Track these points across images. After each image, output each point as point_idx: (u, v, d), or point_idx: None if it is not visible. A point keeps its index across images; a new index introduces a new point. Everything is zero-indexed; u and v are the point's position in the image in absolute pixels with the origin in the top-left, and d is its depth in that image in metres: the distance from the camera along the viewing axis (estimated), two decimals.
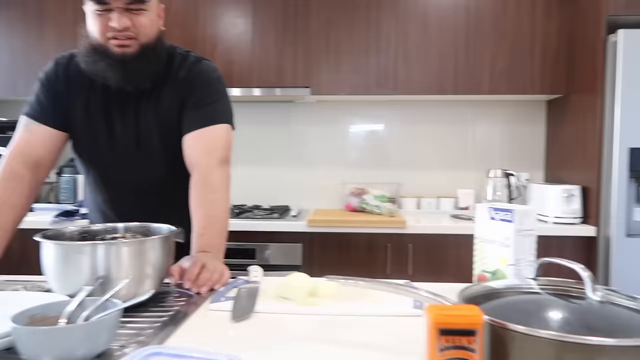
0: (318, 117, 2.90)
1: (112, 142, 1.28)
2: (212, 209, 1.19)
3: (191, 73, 1.28)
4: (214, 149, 1.24)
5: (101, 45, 1.16)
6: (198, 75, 1.28)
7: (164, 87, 1.26)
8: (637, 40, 2.10)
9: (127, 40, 1.15)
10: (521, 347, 0.53)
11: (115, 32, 1.14)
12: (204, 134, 1.24)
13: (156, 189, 1.33)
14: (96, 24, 1.15)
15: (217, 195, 1.21)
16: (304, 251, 2.30)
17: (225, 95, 1.32)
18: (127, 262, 0.88)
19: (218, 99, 1.29)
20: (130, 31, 1.15)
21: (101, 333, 0.67)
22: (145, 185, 1.32)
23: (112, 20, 1.13)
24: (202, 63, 1.31)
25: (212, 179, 1.21)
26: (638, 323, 0.58)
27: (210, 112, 1.26)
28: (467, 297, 0.66)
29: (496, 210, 0.97)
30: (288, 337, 0.78)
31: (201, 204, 1.19)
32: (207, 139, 1.25)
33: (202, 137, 1.24)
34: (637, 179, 2.20)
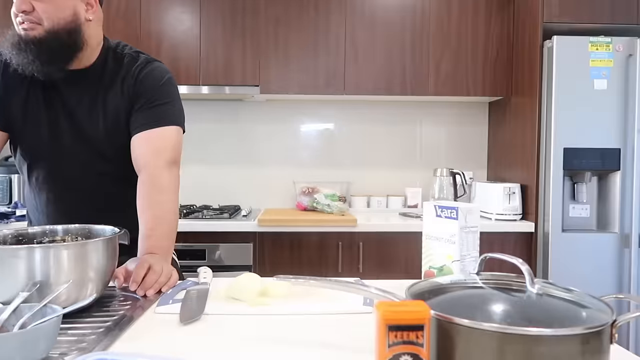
0: (268, 116, 2.89)
1: (56, 138, 1.22)
2: (159, 210, 1.17)
3: (141, 74, 1.25)
4: (162, 150, 1.21)
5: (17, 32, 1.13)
6: (149, 76, 1.25)
7: (112, 86, 1.23)
8: (569, 46, 2.23)
9: (29, 24, 1.11)
10: (466, 340, 0.55)
11: (18, 14, 1.10)
12: (153, 134, 1.22)
13: (101, 188, 1.27)
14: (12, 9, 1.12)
15: (165, 197, 1.18)
16: (255, 251, 2.28)
17: (177, 98, 1.29)
18: (66, 266, 0.84)
19: (168, 101, 1.26)
20: (33, 15, 1.11)
21: (39, 341, 0.64)
22: (90, 184, 1.26)
23: (17, 3, 1.10)
24: (153, 64, 1.28)
25: (160, 180, 1.19)
26: (573, 313, 0.61)
27: (159, 114, 1.24)
28: (415, 293, 0.67)
29: (442, 208, 1.00)
30: (238, 339, 0.77)
31: (149, 205, 1.17)
32: (156, 140, 1.22)
33: (150, 138, 1.22)
34: (571, 177, 2.33)
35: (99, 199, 1.27)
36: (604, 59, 2.22)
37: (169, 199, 1.19)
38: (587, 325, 0.55)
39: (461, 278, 0.74)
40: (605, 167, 2.25)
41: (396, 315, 0.55)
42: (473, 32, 2.58)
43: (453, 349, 0.56)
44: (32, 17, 1.11)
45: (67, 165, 1.24)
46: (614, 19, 2.29)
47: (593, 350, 0.54)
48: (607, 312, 0.59)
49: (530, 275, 0.64)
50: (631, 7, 2.29)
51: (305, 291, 0.99)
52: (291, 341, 0.77)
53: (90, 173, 1.26)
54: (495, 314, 0.60)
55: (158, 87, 1.26)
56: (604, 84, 2.23)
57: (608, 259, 2.25)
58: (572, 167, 2.26)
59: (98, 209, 1.24)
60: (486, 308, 0.61)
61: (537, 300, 0.62)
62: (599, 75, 2.23)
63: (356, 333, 0.80)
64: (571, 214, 2.34)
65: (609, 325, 0.56)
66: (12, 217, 2.31)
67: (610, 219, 2.30)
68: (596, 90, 2.23)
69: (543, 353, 0.52)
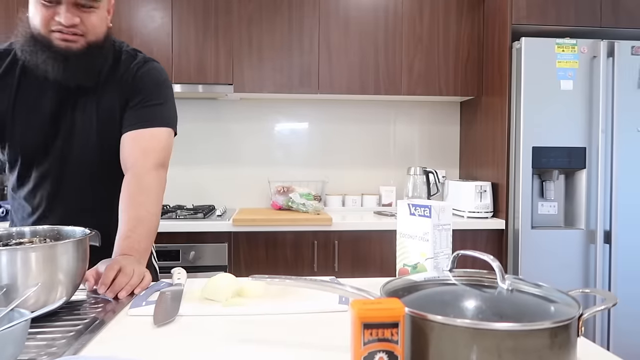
0: (242, 115, 2.87)
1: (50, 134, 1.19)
2: (141, 210, 1.14)
3: (139, 72, 1.23)
4: (151, 150, 1.19)
5: (42, 36, 1.09)
6: (146, 75, 1.24)
7: (108, 84, 1.21)
8: (537, 47, 2.29)
9: (73, 35, 1.09)
10: (439, 336, 0.56)
11: (62, 26, 1.08)
12: (144, 134, 1.20)
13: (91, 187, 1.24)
14: (40, 14, 1.08)
15: (148, 198, 1.16)
16: (230, 251, 2.26)
17: (171, 100, 1.27)
18: (34, 269, 0.81)
19: (163, 102, 1.25)
20: (78, 28, 1.10)
21: (6, 346, 0.62)
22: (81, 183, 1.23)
23: (59, 14, 1.07)
24: (152, 64, 1.27)
25: (145, 181, 1.16)
26: (542, 308, 0.63)
27: (151, 114, 1.22)
28: (390, 291, 0.68)
29: (415, 206, 1.01)
30: (213, 340, 0.77)
31: (130, 205, 1.14)
32: (145, 140, 1.20)
33: (140, 137, 1.20)
34: (540, 175, 2.40)
35: (89, 198, 1.24)
36: (569, 60, 2.29)
37: (152, 201, 1.16)
38: (555, 319, 0.56)
39: (434, 275, 0.75)
40: (571, 165, 2.32)
41: (371, 313, 0.55)
42: (445, 33, 2.62)
43: (427, 345, 0.57)
44: (76, 30, 1.10)
45: (59, 162, 1.21)
46: (578, 21, 2.36)
47: (561, 343, 0.56)
48: (574, 306, 0.60)
49: (500, 271, 0.66)
50: (595, 10, 2.37)
51: (281, 291, 0.99)
52: (267, 341, 0.76)
53: (83, 171, 1.23)
54: (468, 310, 0.61)
55: (154, 87, 1.24)
56: (570, 85, 2.29)
57: (575, 255, 2.32)
58: (540, 166, 2.32)
59: (88, 208, 1.22)
60: (459, 304, 0.63)
61: (507, 296, 0.64)
62: (565, 76, 2.29)
63: (332, 332, 0.80)
64: (540, 211, 2.40)
65: (576, 319, 0.58)
66: None
67: (577, 215, 2.38)
68: (563, 91, 2.29)
69: (513, 347, 0.54)
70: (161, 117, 1.24)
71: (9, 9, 2.42)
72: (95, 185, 1.25)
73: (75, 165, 1.22)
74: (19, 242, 0.96)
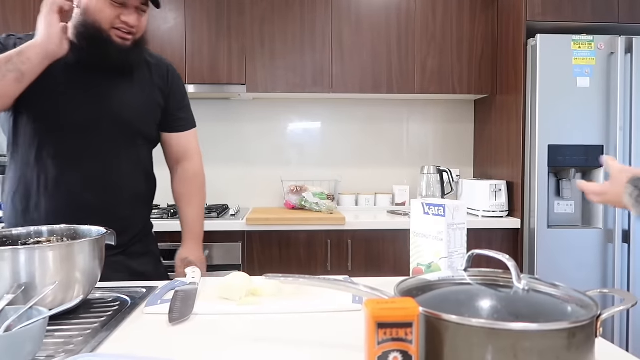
0: (255, 115, 2.88)
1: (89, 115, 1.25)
2: (201, 202, 1.50)
3: (172, 74, 1.42)
4: (197, 147, 1.49)
5: (100, 29, 1.20)
6: (177, 78, 1.44)
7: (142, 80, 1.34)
8: (552, 44, 2.26)
9: (128, 35, 1.23)
10: (454, 335, 0.56)
11: (125, 26, 1.22)
12: (191, 134, 1.47)
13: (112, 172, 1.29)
14: (105, 12, 1.19)
15: (203, 191, 1.51)
16: (244, 250, 2.27)
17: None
18: (52, 268, 0.83)
19: (189, 105, 1.49)
20: (134, 28, 1.24)
21: (25, 343, 0.63)
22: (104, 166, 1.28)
23: (125, 15, 1.21)
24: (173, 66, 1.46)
25: (200, 176, 1.49)
26: (559, 308, 0.62)
27: (191, 117, 1.48)
28: (404, 290, 0.68)
29: (429, 205, 1.00)
30: (227, 338, 0.77)
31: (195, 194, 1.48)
32: (193, 138, 1.47)
33: (187, 137, 1.46)
34: (556, 174, 2.37)
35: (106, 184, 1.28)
36: (586, 57, 2.26)
37: (204, 194, 1.52)
38: (572, 319, 0.55)
39: (449, 275, 0.75)
40: (588, 164, 2.29)
41: (385, 313, 0.55)
42: (458, 30, 2.60)
43: (441, 345, 0.57)
44: (132, 30, 1.24)
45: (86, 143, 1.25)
46: (595, 17, 2.33)
47: (579, 344, 0.55)
48: (592, 307, 0.60)
49: (516, 271, 0.65)
50: (612, 6, 2.33)
51: (295, 290, 0.99)
52: (281, 340, 0.77)
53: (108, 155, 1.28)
54: (483, 309, 0.61)
55: (184, 90, 1.47)
56: (587, 82, 2.26)
57: (592, 254, 2.28)
58: (556, 164, 2.29)
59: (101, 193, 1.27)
60: (474, 304, 0.62)
61: (523, 296, 0.63)
62: (581, 73, 2.26)
63: (345, 331, 0.80)
64: (556, 210, 2.37)
65: (594, 320, 0.57)
66: None
67: (594, 214, 2.34)
68: (579, 88, 2.26)
69: (530, 348, 0.53)
70: (193, 119, 1.48)
71: (25, 8, 2.46)
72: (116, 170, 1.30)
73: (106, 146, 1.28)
74: (37, 241, 0.98)
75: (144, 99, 1.33)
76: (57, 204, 1.23)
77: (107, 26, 1.20)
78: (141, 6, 1.24)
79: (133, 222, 1.35)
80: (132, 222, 1.34)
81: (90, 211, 1.23)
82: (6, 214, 1.29)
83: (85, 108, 1.25)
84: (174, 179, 1.48)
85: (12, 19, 2.45)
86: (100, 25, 1.19)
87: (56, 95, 1.22)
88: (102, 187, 1.26)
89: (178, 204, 1.48)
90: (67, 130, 1.24)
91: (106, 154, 1.27)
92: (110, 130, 1.27)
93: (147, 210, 1.44)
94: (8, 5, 2.45)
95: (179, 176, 1.47)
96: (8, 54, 1.11)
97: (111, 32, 1.21)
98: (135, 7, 1.22)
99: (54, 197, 1.23)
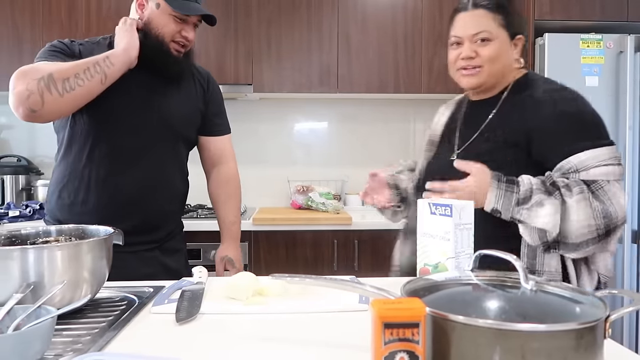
0: (261, 115, 2.88)
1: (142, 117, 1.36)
2: (238, 204, 1.61)
3: (211, 80, 1.57)
4: (232, 153, 1.62)
5: (162, 42, 1.33)
6: (215, 85, 1.58)
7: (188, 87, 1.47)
8: (561, 43, 2.24)
9: (182, 47, 1.38)
10: (461, 336, 0.56)
11: (183, 40, 1.36)
12: (226, 140, 1.60)
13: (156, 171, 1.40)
14: (169, 27, 1.33)
15: (239, 193, 1.62)
16: (250, 250, 2.27)
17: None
18: (60, 267, 0.83)
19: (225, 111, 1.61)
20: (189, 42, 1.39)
21: (34, 342, 0.64)
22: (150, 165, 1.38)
23: (186, 30, 1.36)
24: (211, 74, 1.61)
25: (236, 179, 1.61)
26: (567, 309, 0.62)
27: (226, 123, 1.60)
28: (410, 291, 0.67)
29: (436, 205, 1.00)
30: (234, 338, 0.77)
31: (232, 196, 1.60)
32: (227, 144, 1.60)
33: (223, 142, 1.59)
34: None
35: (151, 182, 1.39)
36: (595, 56, 2.24)
37: (239, 194, 1.62)
38: (581, 320, 0.55)
39: (456, 275, 0.74)
40: None
41: (392, 313, 0.55)
42: None
43: (448, 346, 0.56)
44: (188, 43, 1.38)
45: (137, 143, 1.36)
46: (604, 15, 2.31)
47: (587, 345, 0.55)
48: (601, 308, 0.59)
49: (524, 271, 0.65)
50: (621, 4, 2.31)
51: (301, 290, 0.99)
52: (287, 339, 0.77)
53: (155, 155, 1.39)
54: (490, 310, 0.60)
55: (221, 97, 1.60)
56: (596, 81, 2.24)
57: None
58: None
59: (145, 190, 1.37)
60: (481, 305, 0.62)
61: (531, 297, 0.63)
62: (590, 72, 2.24)
63: (352, 331, 0.80)
64: None
65: (602, 321, 0.57)
66: (5, 218, 2.29)
67: None
68: (588, 87, 2.24)
69: (538, 349, 0.53)
70: (228, 125, 1.61)
71: (34, 9, 2.48)
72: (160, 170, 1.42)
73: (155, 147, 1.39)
74: (46, 240, 0.99)
75: (188, 105, 1.46)
76: (103, 199, 1.33)
77: (168, 39, 1.34)
78: (198, 22, 1.39)
79: (170, 219, 1.47)
80: (169, 218, 1.46)
81: (134, 206, 1.35)
82: (50, 207, 1.39)
83: (140, 112, 1.36)
84: (210, 181, 1.61)
85: (20, 20, 2.47)
86: (163, 39, 1.33)
87: (115, 98, 1.31)
88: (146, 184, 1.37)
89: (215, 206, 1.60)
90: (121, 131, 1.34)
91: (153, 154, 1.38)
92: (159, 133, 1.39)
93: (181, 209, 1.55)
94: (17, 6, 2.47)
95: (215, 179, 1.59)
96: (94, 58, 1.23)
97: (171, 45, 1.35)
98: (194, 24, 1.38)
99: (101, 192, 1.33)
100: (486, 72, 1.21)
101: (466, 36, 1.21)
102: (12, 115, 1.34)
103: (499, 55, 1.20)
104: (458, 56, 1.23)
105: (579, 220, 1.03)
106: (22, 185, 2.62)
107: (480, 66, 1.21)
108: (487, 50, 1.20)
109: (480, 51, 1.20)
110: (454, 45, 1.24)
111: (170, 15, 1.33)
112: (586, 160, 1.08)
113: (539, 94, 1.19)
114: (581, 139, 1.11)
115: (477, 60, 1.20)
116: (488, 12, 1.21)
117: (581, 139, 1.11)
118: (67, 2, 2.47)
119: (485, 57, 1.20)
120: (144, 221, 1.37)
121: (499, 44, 1.21)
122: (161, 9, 1.33)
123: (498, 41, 1.21)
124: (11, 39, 2.46)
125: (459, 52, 1.23)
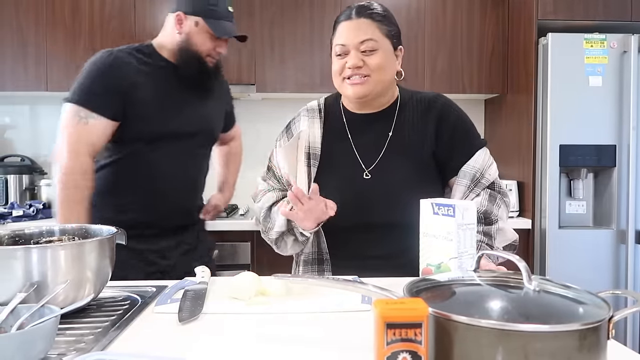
0: (264, 115, 2.88)
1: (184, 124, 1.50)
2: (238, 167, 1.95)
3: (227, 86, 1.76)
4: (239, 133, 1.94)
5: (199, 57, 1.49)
6: (228, 86, 1.77)
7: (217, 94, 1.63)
8: (564, 43, 2.24)
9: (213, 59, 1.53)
10: (464, 336, 0.55)
11: (218, 55, 1.53)
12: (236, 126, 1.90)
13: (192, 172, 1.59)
14: (207, 44, 1.48)
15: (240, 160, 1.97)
16: (253, 250, 2.27)
17: None
18: (64, 266, 0.84)
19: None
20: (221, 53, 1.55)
21: (37, 341, 0.64)
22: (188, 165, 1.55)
23: (221, 47, 1.52)
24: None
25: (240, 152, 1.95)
26: (571, 310, 0.62)
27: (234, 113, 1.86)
28: (413, 291, 0.67)
29: (439, 205, 1.00)
30: (236, 338, 0.77)
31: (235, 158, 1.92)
32: (236, 129, 1.90)
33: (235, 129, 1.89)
34: (567, 174, 2.34)
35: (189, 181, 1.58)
36: (598, 55, 2.23)
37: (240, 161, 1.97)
38: (584, 321, 0.55)
39: (459, 275, 0.74)
40: (601, 163, 2.26)
41: (394, 313, 0.55)
42: (468, 29, 2.58)
43: (451, 346, 0.56)
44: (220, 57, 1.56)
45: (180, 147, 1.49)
46: (607, 15, 2.30)
47: (590, 345, 0.54)
48: (604, 308, 0.59)
49: (527, 271, 0.65)
50: (625, 4, 2.30)
51: (304, 290, 0.99)
52: (290, 339, 0.77)
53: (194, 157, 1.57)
54: (493, 310, 0.60)
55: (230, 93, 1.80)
56: (599, 81, 2.24)
57: (605, 255, 2.26)
58: (568, 164, 2.26)
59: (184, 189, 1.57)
60: (484, 305, 0.62)
61: (534, 297, 0.63)
62: (594, 72, 2.24)
63: (354, 331, 0.80)
64: (568, 210, 2.35)
65: (606, 321, 0.56)
66: (8, 218, 2.30)
67: (607, 215, 2.31)
68: (591, 87, 2.23)
69: (540, 349, 0.53)
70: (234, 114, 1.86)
71: (38, 10, 2.48)
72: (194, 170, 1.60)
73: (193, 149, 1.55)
74: (49, 240, 0.99)
75: (219, 110, 1.66)
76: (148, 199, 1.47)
77: (204, 54, 1.49)
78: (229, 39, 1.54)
79: (197, 214, 1.66)
80: (197, 214, 1.66)
81: (174, 205, 1.52)
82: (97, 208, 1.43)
83: (182, 118, 1.49)
84: (221, 149, 1.86)
85: (25, 22, 2.48)
86: (201, 54, 1.48)
87: (160, 106, 1.45)
88: (186, 184, 1.56)
89: (220, 162, 1.86)
90: (166, 136, 1.46)
91: (193, 156, 1.55)
92: (199, 137, 1.54)
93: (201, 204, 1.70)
94: (21, 7, 2.48)
95: (224, 148, 1.86)
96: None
97: (204, 58, 1.49)
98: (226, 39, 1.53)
99: (145, 192, 1.46)
100: (374, 81, 1.20)
101: (352, 44, 1.18)
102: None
103: (386, 65, 1.21)
104: (344, 65, 1.20)
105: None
106: (25, 185, 2.63)
107: (367, 75, 1.19)
108: (374, 59, 1.19)
109: (367, 60, 1.18)
110: (340, 55, 1.21)
111: (207, 33, 1.46)
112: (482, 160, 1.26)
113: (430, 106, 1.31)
114: (474, 138, 1.30)
115: (365, 69, 1.18)
116: (372, 22, 1.20)
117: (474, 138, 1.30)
118: (71, 3, 2.48)
119: (373, 65, 1.18)
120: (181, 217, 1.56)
121: (385, 53, 1.21)
122: (199, 28, 1.46)
123: (383, 51, 1.21)
124: (15, 40, 2.47)
125: (344, 61, 1.20)
